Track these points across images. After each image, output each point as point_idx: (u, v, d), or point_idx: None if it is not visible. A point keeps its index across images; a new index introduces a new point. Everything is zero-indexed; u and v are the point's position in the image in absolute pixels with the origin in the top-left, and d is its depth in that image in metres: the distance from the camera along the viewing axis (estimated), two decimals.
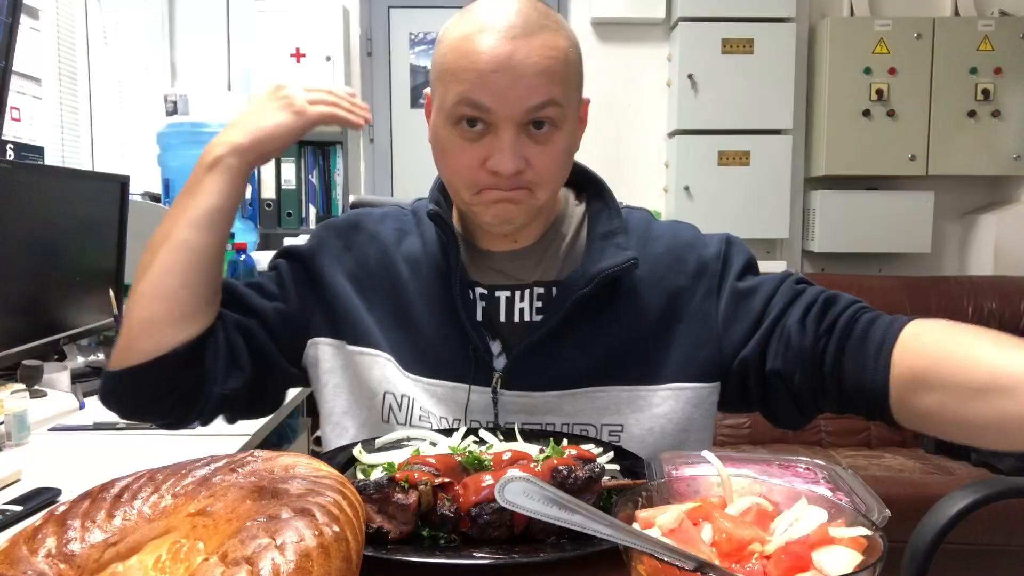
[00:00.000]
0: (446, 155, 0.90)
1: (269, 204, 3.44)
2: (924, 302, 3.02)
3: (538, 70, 0.84)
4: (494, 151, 0.86)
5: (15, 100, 2.12)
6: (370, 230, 1.02)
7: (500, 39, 0.84)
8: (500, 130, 0.85)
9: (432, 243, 0.98)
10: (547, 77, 0.85)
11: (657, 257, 0.96)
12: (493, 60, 0.84)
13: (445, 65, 0.88)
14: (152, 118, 3.31)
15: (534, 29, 0.86)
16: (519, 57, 0.84)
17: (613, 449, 0.79)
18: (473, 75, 0.84)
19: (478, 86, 0.84)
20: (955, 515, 0.47)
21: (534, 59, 0.84)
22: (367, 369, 0.95)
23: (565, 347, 0.92)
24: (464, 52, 0.85)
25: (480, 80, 0.84)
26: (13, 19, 1.59)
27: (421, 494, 0.62)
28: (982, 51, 3.40)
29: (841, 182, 3.60)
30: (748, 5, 3.43)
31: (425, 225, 1.00)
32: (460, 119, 0.87)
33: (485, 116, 0.85)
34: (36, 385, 1.53)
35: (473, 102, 0.85)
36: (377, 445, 0.83)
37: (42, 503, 1.02)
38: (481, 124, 0.86)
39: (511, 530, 0.62)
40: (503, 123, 0.85)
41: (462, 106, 0.86)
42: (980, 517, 0.57)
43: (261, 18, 3.40)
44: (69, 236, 1.75)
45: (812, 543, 0.50)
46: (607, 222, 0.97)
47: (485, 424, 0.90)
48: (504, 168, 0.85)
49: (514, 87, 0.84)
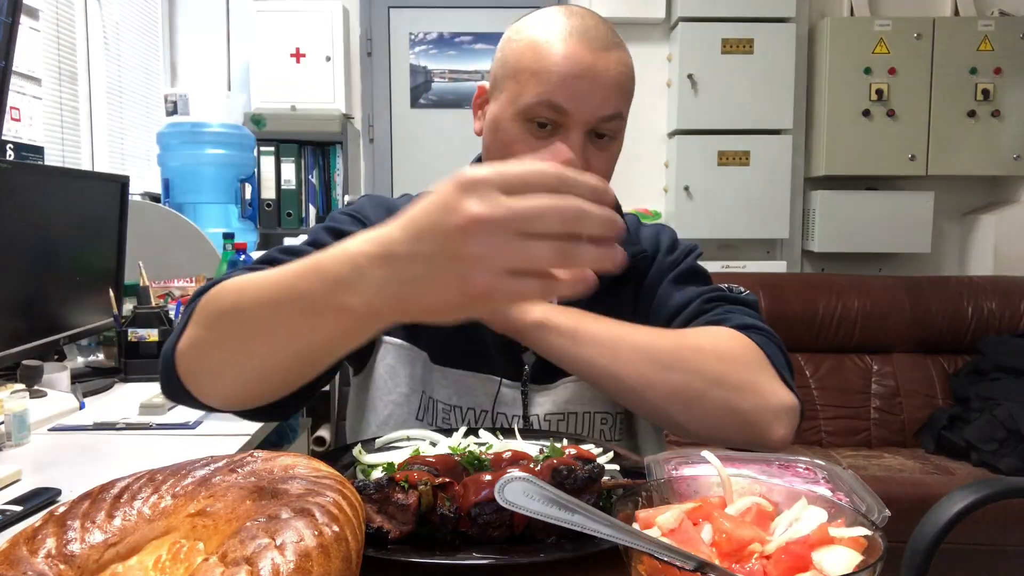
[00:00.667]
0: (509, 146, 0.92)
1: (269, 204, 3.44)
2: (924, 302, 3.03)
3: (614, 83, 0.90)
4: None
5: (15, 100, 2.12)
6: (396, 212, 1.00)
7: (584, 49, 0.89)
8: (570, 132, 0.89)
9: None
10: (619, 91, 0.91)
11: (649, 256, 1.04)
12: (577, 67, 0.88)
13: (523, 63, 0.91)
14: (152, 118, 3.32)
15: (610, 44, 0.92)
16: (600, 68, 0.89)
17: (613, 450, 0.79)
18: (556, 78, 0.88)
19: (560, 89, 0.88)
20: (955, 515, 0.47)
21: (612, 72, 0.90)
22: (409, 363, 0.98)
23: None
24: (545, 55, 0.89)
25: (562, 84, 0.88)
26: (13, 19, 1.59)
27: (421, 494, 0.62)
28: (982, 51, 3.40)
29: (841, 182, 3.60)
30: (748, 5, 3.43)
31: None
32: (533, 118, 0.90)
33: (559, 118, 0.89)
34: (36, 385, 1.53)
35: (553, 104, 0.88)
36: (377, 445, 0.83)
37: (42, 503, 1.01)
38: (551, 126, 0.90)
39: (511, 530, 0.62)
40: (575, 127, 0.89)
41: (539, 106, 0.89)
42: (980, 517, 0.57)
43: (261, 18, 3.40)
44: (69, 236, 1.75)
45: (812, 543, 0.50)
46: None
47: (510, 418, 0.95)
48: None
49: (592, 95, 0.88)
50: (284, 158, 3.46)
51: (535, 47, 0.90)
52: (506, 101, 0.92)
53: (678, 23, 3.48)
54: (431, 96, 3.74)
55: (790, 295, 2.97)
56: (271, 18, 3.40)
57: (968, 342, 3.01)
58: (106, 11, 2.93)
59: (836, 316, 2.97)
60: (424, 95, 3.74)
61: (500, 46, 0.97)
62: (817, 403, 2.94)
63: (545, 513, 0.49)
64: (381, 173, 3.78)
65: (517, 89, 0.91)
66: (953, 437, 2.71)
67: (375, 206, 1.03)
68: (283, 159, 3.45)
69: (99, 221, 1.87)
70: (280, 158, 3.45)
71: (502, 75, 0.94)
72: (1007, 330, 3.00)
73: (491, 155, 0.96)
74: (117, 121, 3.04)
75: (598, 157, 0.92)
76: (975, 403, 2.77)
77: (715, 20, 3.43)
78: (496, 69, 0.96)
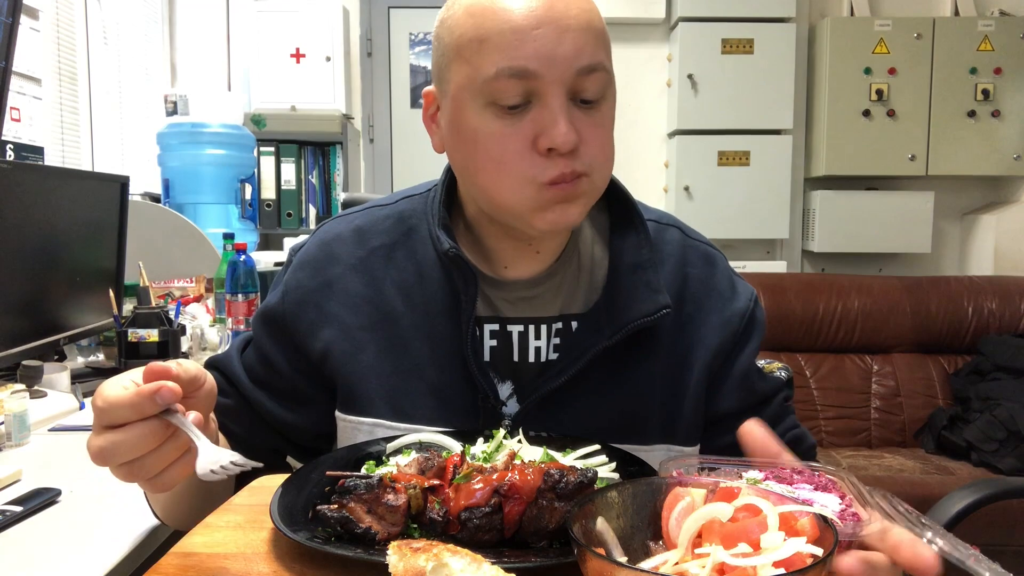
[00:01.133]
0: (482, 150, 0.74)
1: (269, 204, 3.44)
2: (924, 302, 3.02)
3: (582, 24, 0.72)
4: (545, 124, 0.72)
5: (15, 100, 2.12)
6: (348, 259, 0.86)
7: None
8: (548, 98, 0.71)
9: (429, 265, 0.84)
10: (592, 35, 0.73)
11: (688, 297, 0.86)
12: (532, 16, 0.70)
13: (466, 36, 0.73)
14: (152, 118, 3.31)
15: None
16: (560, 9, 0.71)
17: (620, 458, 0.75)
18: (510, 37, 0.70)
19: (517, 49, 0.70)
20: (955, 515, 0.47)
21: (575, 11, 0.72)
22: (361, 438, 0.84)
23: (580, 397, 0.82)
24: (491, 15, 0.71)
25: (519, 41, 0.70)
26: (13, 19, 1.59)
27: (411, 496, 0.62)
28: (982, 51, 3.40)
29: (841, 182, 3.60)
30: (748, 5, 3.43)
31: (416, 238, 0.86)
32: (497, 99, 0.72)
33: (529, 85, 0.71)
34: (36, 385, 1.53)
35: (516, 70, 0.70)
36: (388, 450, 0.81)
37: (42, 503, 1.01)
38: (521, 100, 0.72)
39: (501, 534, 0.62)
40: (551, 89, 0.71)
41: (501, 79, 0.71)
42: (980, 517, 0.57)
43: (261, 18, 3.40)
44: (69, 236, 1.75)
45: None
46: (636, 250, 0.84)
47: None
48: (562, 140, 0.71)
49: (560, 43, 0.70)
50: (284, 158, 3.46)
51: (472, 11, 0.73)
52: (458, 90, 0.74)
53: (678, 23, 3.48)
54: None
55: (790, 295, 2.97)
56: (271, 18, 3.40)
57: (968, 342, 3.01)
58: (106, 11, 2.93)
59: (836, 316, 2.97)
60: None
61: (435, 35, 0.79)
62: (817, 403, 2.94)
63: None
64: (381, 173, 3.79)
65: (467, 70, 0.73)
66: (953, 437, 2.71)
67: (303, 265, 0.87)
68: (283, 159, 3.46)
69: (99, 221, 1.87)
70: (280, 158, 3.46)
71: (446, 63, 0.76)
72: (1007, 330, 2.99)
73: (467, 172, 0.78)
74: (117, 121, 3.04)
75: (591, 123, 0.74)
76: (975, 403, 2.77)
77: (715, 20, 3.43)
78: (437, 61, 0.78)
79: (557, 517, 0.60)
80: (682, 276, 0.86)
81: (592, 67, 0.72)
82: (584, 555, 0.48)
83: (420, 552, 0.51)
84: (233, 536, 0.64)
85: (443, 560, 0.50)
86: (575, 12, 0.72)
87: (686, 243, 0.89)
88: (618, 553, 0.53)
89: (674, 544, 0.52)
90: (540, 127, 0.72)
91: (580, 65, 0.71)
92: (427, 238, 0.86)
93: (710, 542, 0.50)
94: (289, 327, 0.86)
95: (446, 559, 0.50)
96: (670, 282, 0.85)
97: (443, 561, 0.49)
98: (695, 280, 0.87)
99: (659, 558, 0.51)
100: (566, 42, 0.71)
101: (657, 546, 0.55)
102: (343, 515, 0.60)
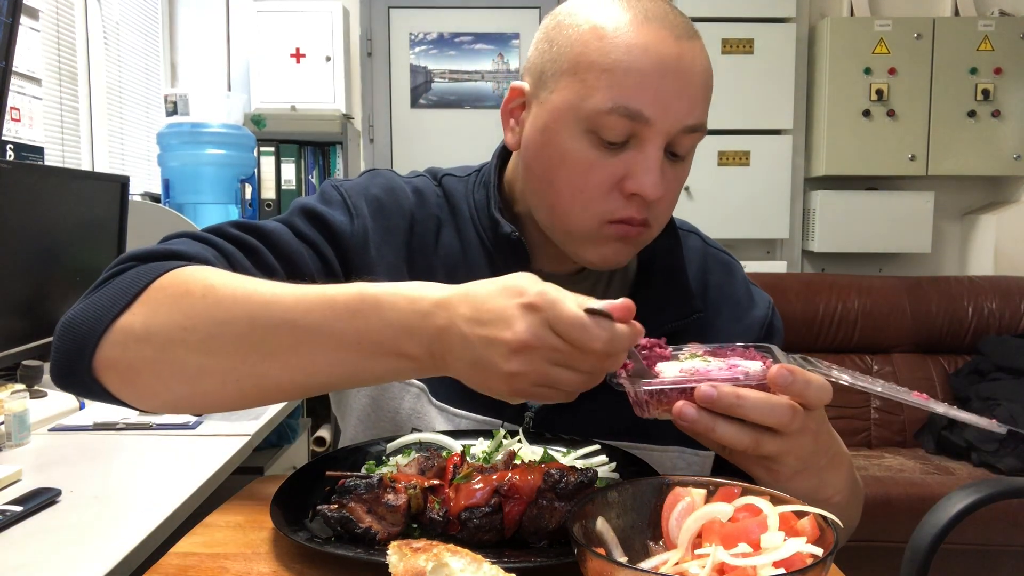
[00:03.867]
0: (567, 172, 0.72)
1: (269, 204, 3.44)
2: (924, 302, 3.03)
3: (702, 82, 0.71)
4: (638, 170, 0.71)
5: (15, 100, 2.12)
6: (408, 217, 0.83)
7: (668, 38, 0.69)
8: (648, 145, 0.70)
9: (472, 248, 0.83)
10: (705, 95, 0.72)
11: (708, 304, 0.86)
12: (662, 63, 0.68)
13: (587, 56, 0.70)
14: (152, 118, 3.32)
15: (693, 32, 0.72)
16: (687, 62, 0.69)
17: (621, 458, 0.76)
18: (636, 78, 0.68)
19: (640, 92, 0.68)
20: (955, 515, 0.47)
21: (699, 68, 0.71)
22: (396, 398, 0.83)
23: (600, 396, 0.77)
24: (622, 47, 0.69)
25: (643, 85, 0.68)
26: (13, 19, 1.59)
27: (411, 496, 0.62)
28: (982, 51, 3.40)
29: (841, 182, 3.60)
30: (748, 5, 3.43)
31: (461, 219, 0.84)
32: (600, 129, 0.70)
33: (636, 127, 0.70)
34: (36, 385, 1.53)
35: (631, 111, 0.68)
36: (388, 450, 0.81)
37: (42, 503, 1.01)
38: (623, 139, 0.71)
39: (501, 534, 0.62)
40: (655, 139, 0.70)
41: (613, 115, 0.69)
42: (980, 517, 0.57)
43: (261, 18, 3.40)
44: (69, 236, 1.75)
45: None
46: (667, 253, 0.84)
47: None
48: (650, 191, 0.70)
49: (679, 97, 0.69)
50: (284, 158, 3.46)
51: (602, 34, 0.69)
52: (563, 106, 0.72)
53: None
54: (431, 96, 3.74)
55: (790, 295, 2.97)
56: (271, 18, 3.40)
57: (968, 342, 3.01)
58: (106, 11, 2.93)
59: (836, 316, 2.97)
60: (424, 95, 3.74)
61: (547, 34, 0.75)
62: None
63: None
64: None
65: (580, 90, 0.70)
66: (953, 437, 2.71)
67: (371, 200, 0.84)
68: (283, 159, 3.45)
69: (99, 221, 1.87)
70: (280, 158, 3.46)
71: (554, 71, 0.73)
72: (1007, 330, 3.00)
73: (543, 179, 0.75)
74: (117, 121, 3.04)
75: (670, 180, 0.73)
76: (975, 403, 2.77)
77: (715, 20, 3.43)
78: (543, 63, 0.74)
79: (557, 517, 0.60)
80: (703, 283, 0.87)
81: (696, 127, 0.72)
82: (584, 555, 0.48)
83: (420, 552, 0.51)
84: (233, 536, 0.64)
85: (443, 560, 0.50)
86: (699, 69, 0.71)
87: (706, 251, 0.91)
88: (618, 553, 0.53)
89: (674, 544, 0.52)
90: (631, 170, 0.71)
91: (689, 123, 0.71)
92: (469, 221, 0.84)
93: (710, 542, 0.50)
94: (344, 244, 0.80)
95: (446, 559, 0.50)
96: (694, 282, 0.86)
97: (443, 561, 0.49)
98: (715, 288, 0.87)
99: (659, 558, 0.51)
100: (684, 97, 0.70)
101: (657, 546, 0.55)
102: (343, 515, 0.60)
